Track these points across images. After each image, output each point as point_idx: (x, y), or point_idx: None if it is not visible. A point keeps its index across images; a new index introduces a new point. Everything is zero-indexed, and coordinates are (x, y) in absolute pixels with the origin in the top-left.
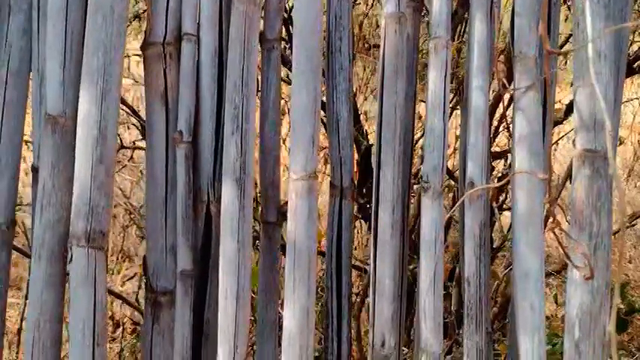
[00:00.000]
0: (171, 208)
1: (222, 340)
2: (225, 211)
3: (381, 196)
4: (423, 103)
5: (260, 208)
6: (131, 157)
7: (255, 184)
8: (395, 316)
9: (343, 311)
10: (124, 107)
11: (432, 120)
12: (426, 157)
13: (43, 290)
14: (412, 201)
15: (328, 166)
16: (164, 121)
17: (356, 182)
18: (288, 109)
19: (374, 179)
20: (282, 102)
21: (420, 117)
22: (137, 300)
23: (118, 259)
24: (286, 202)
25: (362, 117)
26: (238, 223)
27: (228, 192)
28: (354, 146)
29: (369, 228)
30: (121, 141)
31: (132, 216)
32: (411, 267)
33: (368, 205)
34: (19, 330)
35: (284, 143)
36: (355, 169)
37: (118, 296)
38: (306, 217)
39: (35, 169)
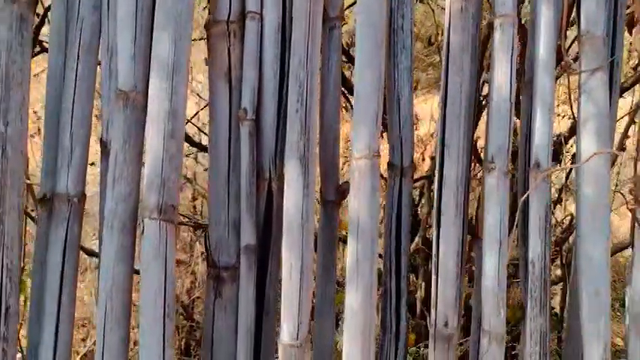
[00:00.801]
0: (234, 184)
1: (286, 315)
2: (288, 189)
3: (445, 175)
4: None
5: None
6: None
7: None
8: (457, 297)
9: (402, 290)
10: None
11: (497, 99)
12: (491, 137)
13: (115, 261)
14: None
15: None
16: (227, 99)
17: None
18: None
19: (437, 158)
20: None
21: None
22: None
23: None
24: (345, 182)
25: None
26: (302, 200)
27: (291, 169)
28: None
29: (414, 214)
30: None
31: None
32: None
33: None
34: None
35: None
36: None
37: None
38: (369, 195)
39: (104, 144)
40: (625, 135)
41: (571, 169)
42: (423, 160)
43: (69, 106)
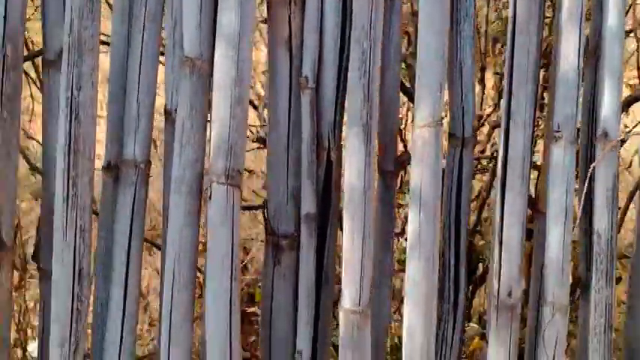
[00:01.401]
0: (293, 153)
1: (347, 281)
2: (350, 157)
3: (511, 145)
4: None
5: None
6: None
7: None
8: (521, 267)
9: (461, 261)
10: None
11: (564, 68)
12: (558, 106)
13: (183, 226)
14: None
15: None
16: (288, 67)
17: None
18: None
19: (502, 127)
20: None
21: None
22: None
23: None
24: (404, 152)
25: None
26: (364, 169)
27: (353, 138)
28: None
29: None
30: None
31: None
32: None
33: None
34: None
35: None
36: None
37: None
38: (432, 163)
39: (168, 112)
40: None
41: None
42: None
43: (135, 75)
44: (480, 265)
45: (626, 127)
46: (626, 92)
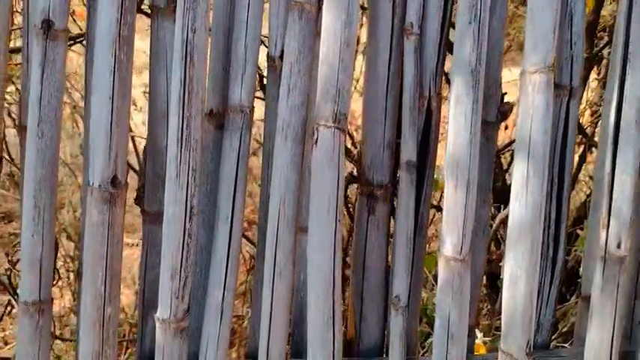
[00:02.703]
0: (391, 103)
1: (449, 229)
2: (456, 104)
3: (627, 89)
4: None
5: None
6: None
7: None
8: (632, 216)
9: (562, 216)
10: None
11: None
12: None
13: (288, 168)
14: None
15: None
16: (390, 13)
17: None
18: None
19: (617, 69)
20: None
21: None
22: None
23: None
24: (507, 102)
25: None
26: (471, 116)
27: (460, 84)
28: None
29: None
30: None
31: None
32: None
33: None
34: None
35: None
36: None
37: None
38: (543, 111)
39: (272, 59)
40: None
41: None
42: (506, 128)
43: (243, 19)
44: None
45: None
46: None
